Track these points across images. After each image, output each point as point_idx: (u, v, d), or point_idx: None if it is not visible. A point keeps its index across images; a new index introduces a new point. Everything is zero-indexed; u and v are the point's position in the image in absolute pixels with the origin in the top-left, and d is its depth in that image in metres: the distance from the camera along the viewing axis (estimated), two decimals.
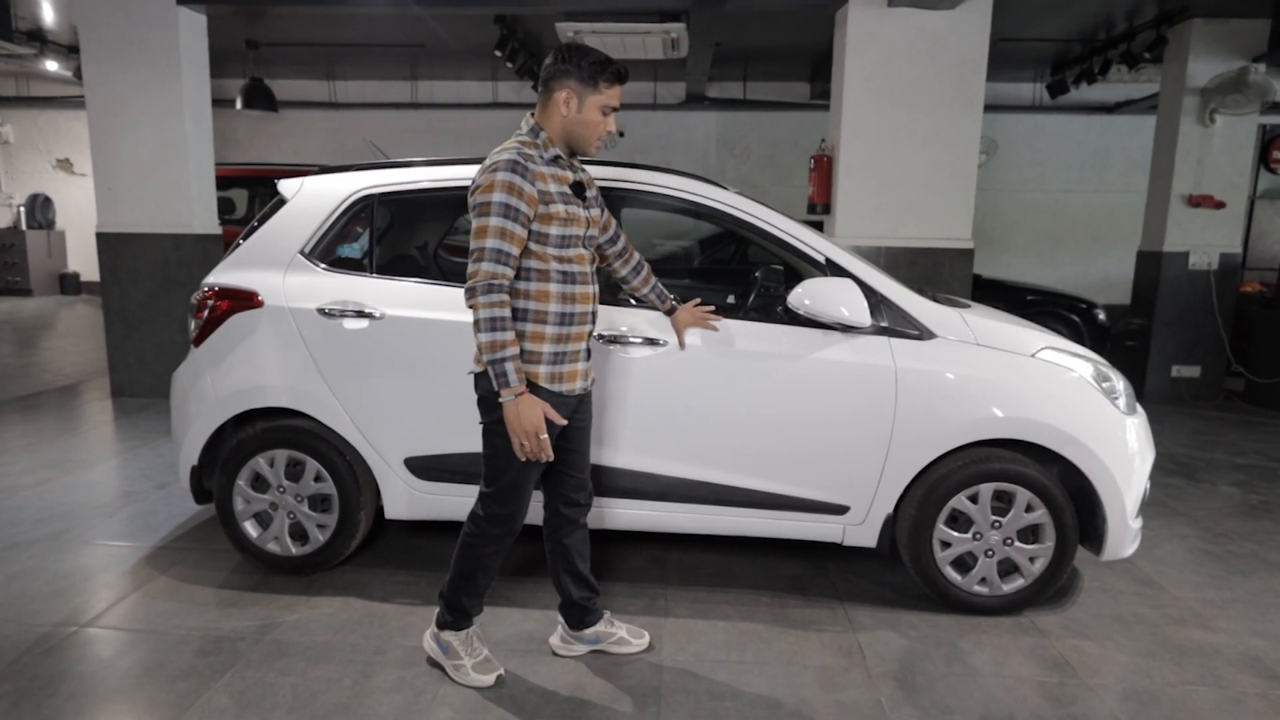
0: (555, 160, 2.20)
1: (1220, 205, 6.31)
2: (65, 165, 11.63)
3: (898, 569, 3.25)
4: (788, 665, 2.54)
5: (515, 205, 2.07)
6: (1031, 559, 2.82)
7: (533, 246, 2.15)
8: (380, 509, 3.09)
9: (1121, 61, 7.12)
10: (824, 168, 5.70)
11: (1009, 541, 2.81)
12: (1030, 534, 2.83)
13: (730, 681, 2.44)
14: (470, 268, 2.10)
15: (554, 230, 2.16)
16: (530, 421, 2.12)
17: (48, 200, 11.59)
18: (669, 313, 2.78)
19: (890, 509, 2.85)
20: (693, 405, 2.83)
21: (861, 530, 2.88)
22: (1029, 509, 2.77)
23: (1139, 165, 9.96)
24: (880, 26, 5.33)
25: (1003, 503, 2.80)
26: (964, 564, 2.88)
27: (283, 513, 3.01)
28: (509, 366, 2.10)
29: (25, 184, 11.70)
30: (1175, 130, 6.31)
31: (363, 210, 3.01)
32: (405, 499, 3.01)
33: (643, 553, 3.35)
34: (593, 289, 2.31)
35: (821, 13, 5.78)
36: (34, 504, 3.79)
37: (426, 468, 2.96)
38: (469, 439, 2.91)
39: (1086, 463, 2.73)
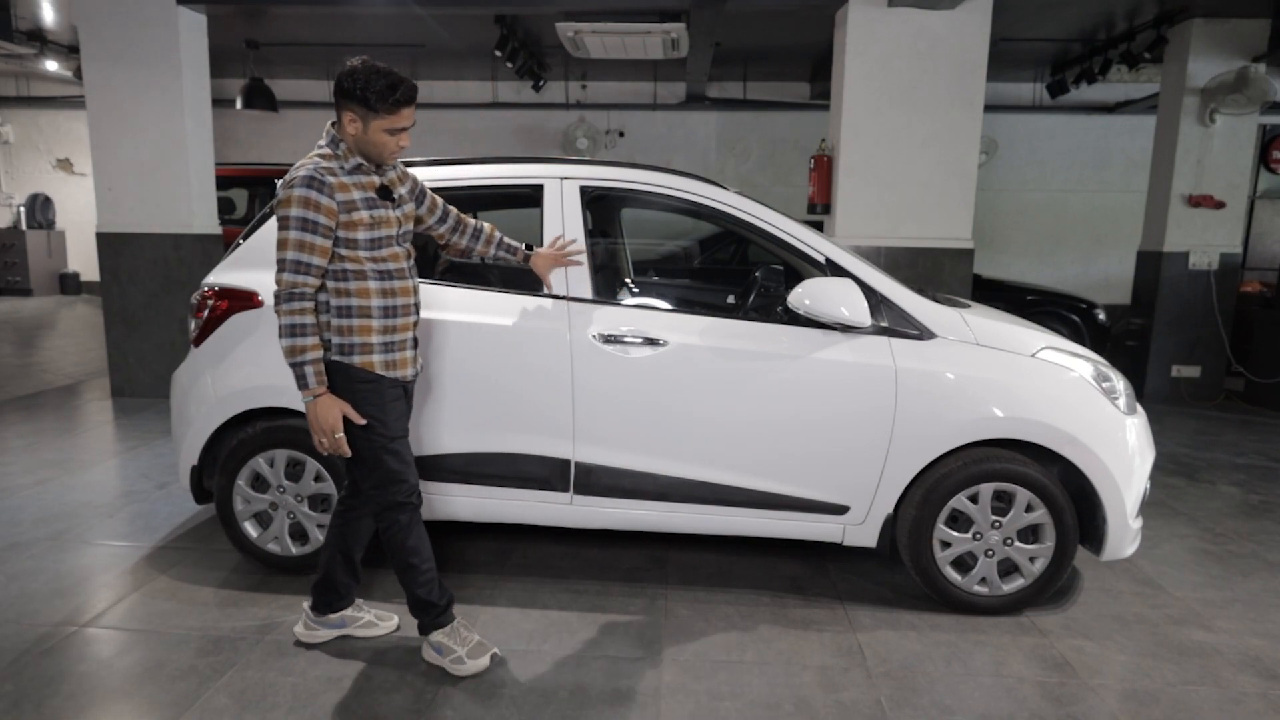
0: (357, 169, 2.29)
1: (1220, 205, 6.31)
2: (65, 165, 11.62)
3: (898, 569, 3.25)
4: (788, 665, 2.54)
5: (312, 218, 2.19)
6: (1031, 559, 2.82)
7: (344, 252, 2.27)
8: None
9: (1121, 61, 7.12)
10: (824, 168, 5.70)
11: (1009, 541, 2.81)
12: (1030, 534, 2.83)
13: (730, 681, 2.44)
14: (277, 276, 2.22)
15: (362, 235, 2.27)
16: (328, 420, 2.26)
17: (48, 200, 11.58)
18: (526, 260, 2.80)
19: (890, 509, 2.85)
20: (692, 405, 2.83)
21: (861, 530, 2.88)
22: (1029, 509, 2.77)
23: (1139, 165, 9.95)
24: (880, 26, 5.33)
25: (1003, 503, 2.80)
26: (964, 564, 2.88)
27: (283, 513, 3.00)
28: (308, 369, 2.24)
29: (25, 184, 11.69)
30: (1175, 130, 6.32)
31: None
32: None
33: (643, 553, 3.35)
34: (411, 283, 2.43)
35: (821, 13, 5.79)
36: (34, 504, 3.79)
37: (426, 467, 2.95)
38: (469, 439, 2.92)
39: (1086, 463, 2.73)
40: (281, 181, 2.25)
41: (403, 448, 2.41)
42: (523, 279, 3.04)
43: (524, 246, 2.81)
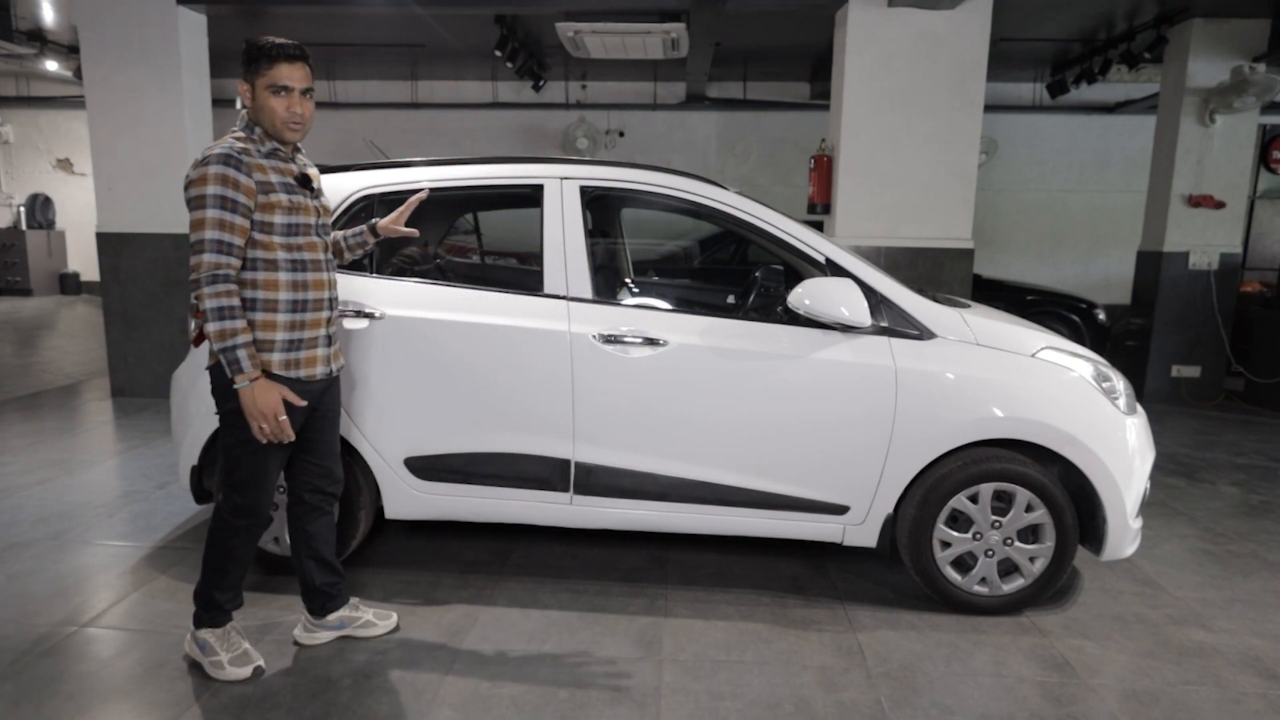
0: (274, 153, 2.25)
1: (1220, 205, 6.31)
2: (65, 165, 11.62)
3: (898, 569, 3.25)
4: (788, 665, 2.54)
5: (231, 196, 2.12)
6: (1031, 559, 2.82)
7: (258, 236, 2.20)
8: (380, 509, 3.09)
9: (1121, 61, 7.12)
10: (824, 168, 5.70)
11: (1009, 541, 2.81)
12: (1030, 534, 2.83)
13: (730, 681, 2.44)
14: (192, 260, 2.14)
15: (279, 219, 2.21)
16: (268, 405, 2.18)
17: (48, 200, 11.58)
18: (377, 234, 2.64)
19: (890, 509, 2.85)
20: (692, 405, 2.83)
21: (861, 530, 2.88)
22: (1029, 509, 2.77)
23: (1139, 165, 9.95)
24: (880, 26, 5.33)
25: (1003, 503, 2.80)
26: (964, 564, 2.88)
27: (282, 513, 3.00)
28: (241, 354, 2.15)
29: (25, 184, 11.69)
30: (1175, 130, 6.31)
31: (363, 210, 3.01)
32: (405, 499, 3.00)
33: (643, 553, 3.35)
34: (327, 276, 2.37)
35: (821, 13, 5.79)
36: (34, 504, 3.79)
37: (426, 468, 2.96)
38: (469, 439, 2.92)
39: (1086, 463, 2.73)
40: (194, 161, 2.16)
41: (272, 464, 2.31)
42: (523, 279, 3.05)
43: (366, 227, 2.66)
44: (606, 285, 3.51)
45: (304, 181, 2.31)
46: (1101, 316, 7.03)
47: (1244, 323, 6.63)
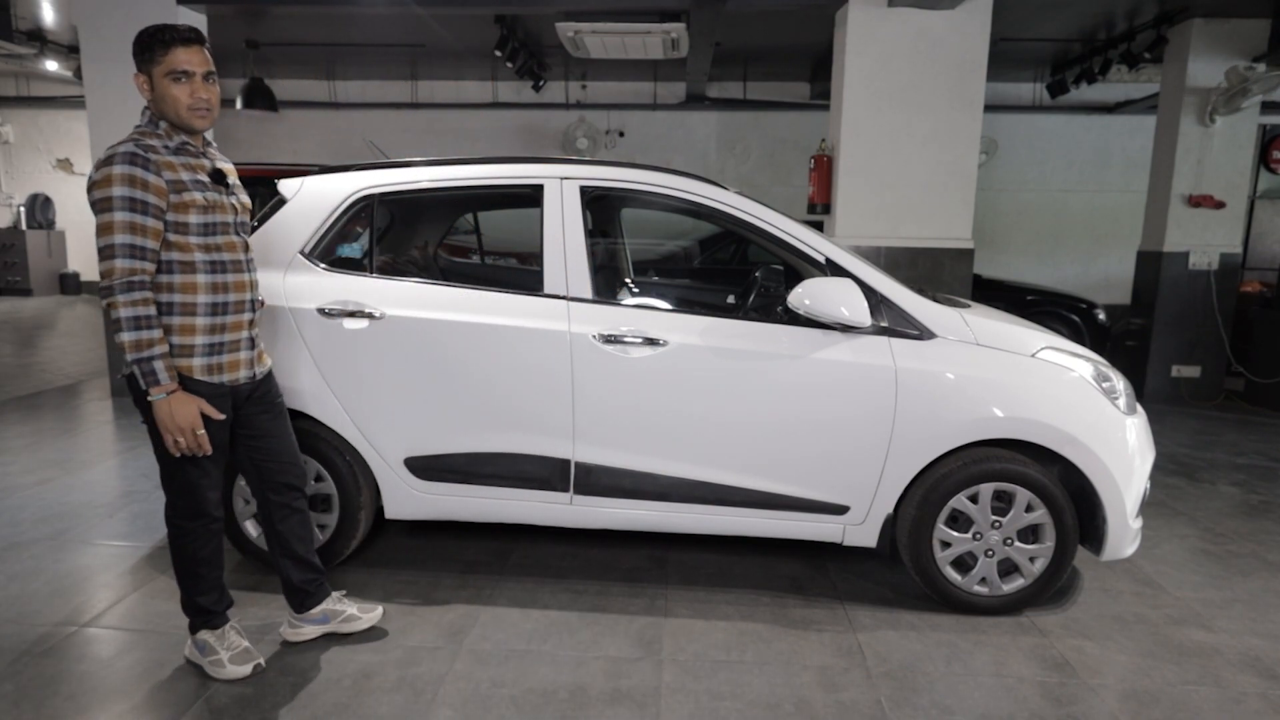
0: (183, 148, 2.15)
1: (1220, 205, 6.31)
2: (65, 165, 11.62)
3: (898, 569, 3.25)
4: (788, 665, 2.54)
5: (140, 197, 2.02)
6: (1031, 559, 2.82)
7: (172, 238, 2.10)
8: (380, 509, 3.09)
9: (1121, 61, 7.12)
10: (824, 168, 5.70)
11: (1009, 541, 2.81)
12: (1030, 534, 2.83)
13: (730, 681, 2.44)
14: (102, 266, 2.04)
15: (194, 219, 2.12)
16: (184, 418, 2.12)
17: (48, 200, 11.58)
18: None
19: (890, 509, 2.85)
20: (692, 405, 2.83)
21: (861, 530, 2.88)
22: (1029, 509, 2.77)
23: (1139, 165, 9.95)
24: (880, 26, 5.33)
25: (1003, 503, 2.80)
26: (964, 564, 2.88)
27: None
28: (158, 365, 2.08)
29: (25, 184, 11.69)
30: (1175, 130, 6.31)
31: (363, 210, 3.01)
32: (405, 499, 3.01)
33: (643, 553, 3.35)
34: (248, 276, 2.30)
35: (821, 13, 5.79)
36: (34, 504, 3.79)
37: (426, 468, 2.96)
38: (469, 439, 2.93)
39: (1086, 463, 2.73)
40: (96, 161, 2.05)
41: (209, 464, 2.27)
42: (523, 279, 3.05)
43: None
44: (606, 285, 3.51)
45: (218, 177, 2.21)
46: (1101, 316, 7.02)
47: (1244, 323, 6.63)
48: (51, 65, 9.02)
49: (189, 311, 2.16)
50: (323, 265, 2.97)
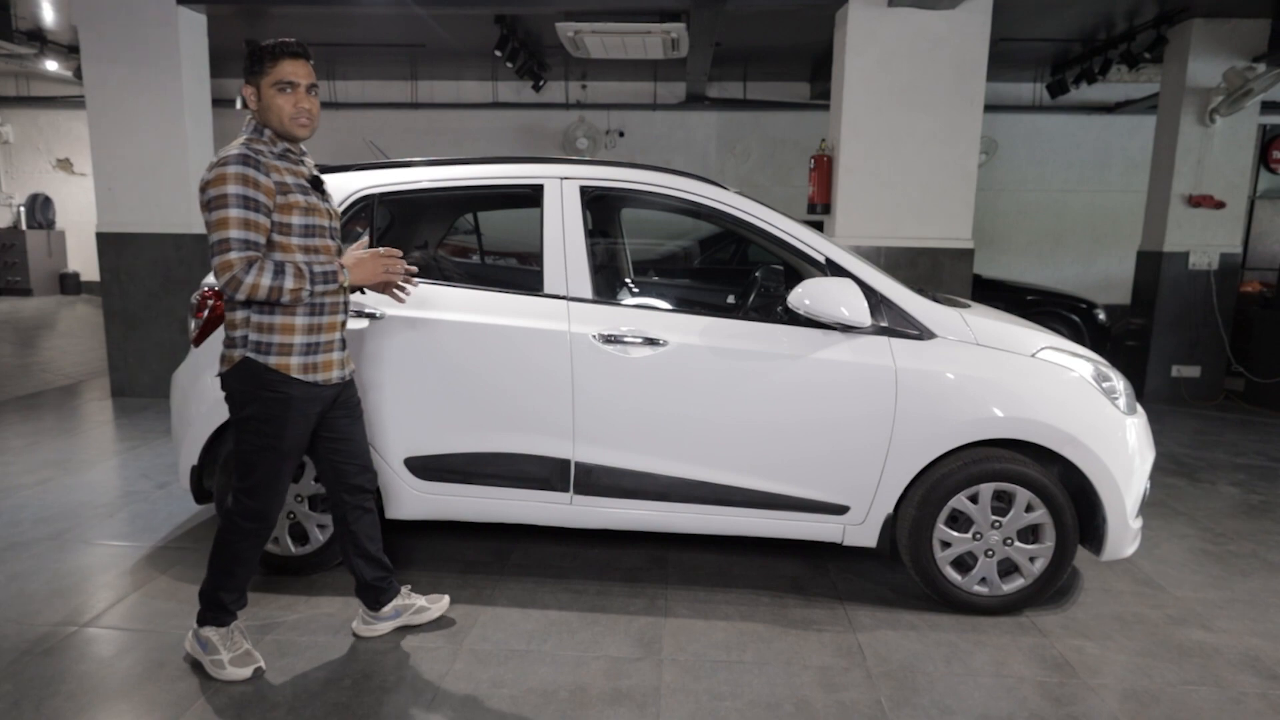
0: (285, 155, 2.27)
1: (1220, 205, 6.31)
2: (65, 165, 11.62)
3: (898, 569, 3.25)
4: (788, 665, 2.54)
5: (251, 195, 2.12)
6: (1031, 559, 2.82)
7: (277, 238, 2.20)
8: (380, 509, 3.09)
9: (1121, 61, 7.12)
10: (824, 168, 5.70)
11: (1009, 541, 2.81)
12: (1030, 534, 2.83)
13: (730, 681, 2.44)
14: (217, 260, 2.12)
15: (296, 220, 2.22)
16: (376, 270, 2.35)
17: (48, 200, 11.58)
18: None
19: (890, 509, 2.85)
20: (692, 405, 2.83)
21: (861, 530, 2.88)
22: (1029, 509, 2.77)
23: (1139, 165, 9.95)
24: (880, 26, 5.33)
25: (1003, 503, 2.80)
26: (964, 564, 2.88)
27: (283, 513, 3.00)
28: (316, 269, 2.21)
29: (25, 184, 11.68)
30: (1175, 130, 6.31)
31: (363, 210, 3.01)
32: (405, 499, 3.00)
33: (643, 553, 3.35)
34: None
35: (821, 13, 5.79)
36: (34, 504, 3.79)
37: (426, 468, 2.96)
38: (469, 439, 2.92)
39: (1086, 463, 2.73)
40: (209, 165, 2.16)
41: (285, 468, 2.33)
42: (523, 279, 3.05)
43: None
44: (606, 285, 3.51)
45: (315, 183, 2.33)
46: (1101, 316, 7.02)
47: (1244, 323, 6.63)
48: (51, 65, 9.01)
49: (289, 311, 2.24)
50: None
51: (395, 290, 2.51)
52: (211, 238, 2.12)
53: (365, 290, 2.56)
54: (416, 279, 2.57)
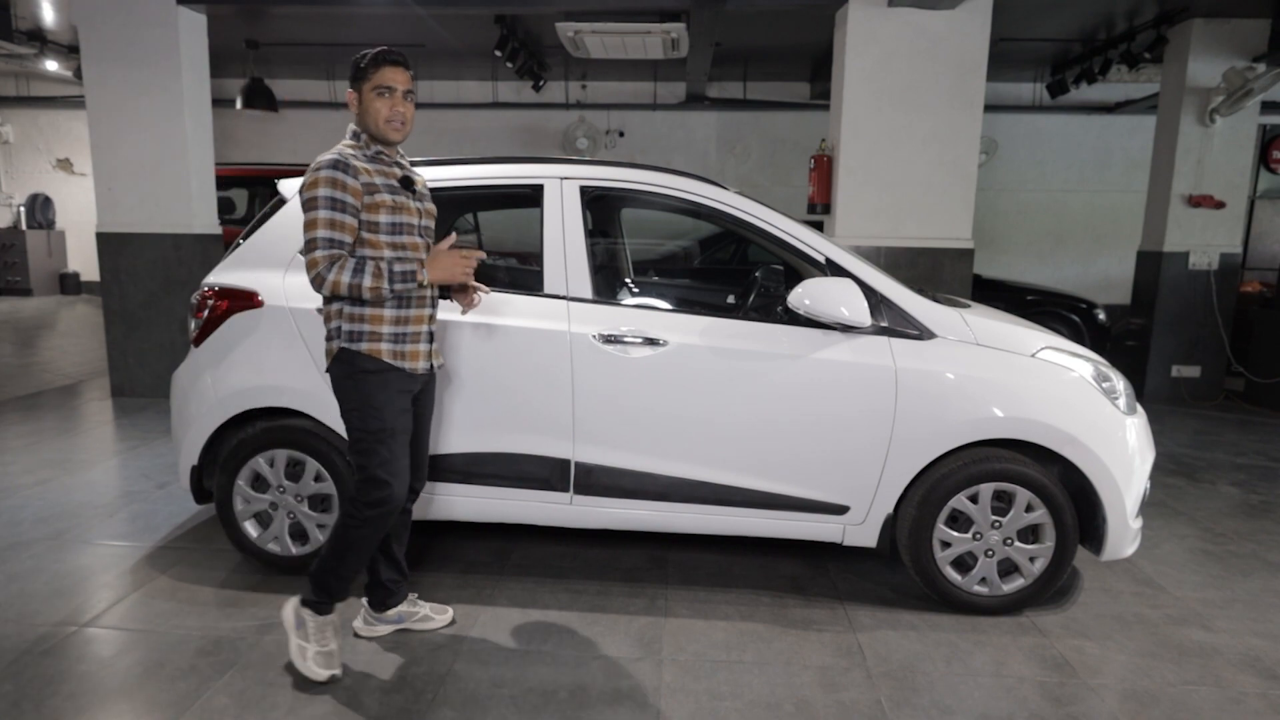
0: (377, 156, 2.37)
1: (1220, 205, 6.31)
2: (65, 165, 11.62)
3: (898, 569, 3.25)
4: (788, 665, 2.54)
5: (340, 198, 2.24)
6: (1031, 559, 2.82)
7: (365, 235, 2.31)
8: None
9: (1121, 61, 7.12)
10: (824, 168, 5.70)
11: (1009, 541, 2.81)
12: (1030, 534, 2.83)
13: (730, 681, 2.44)
14: (308, 258, 2.25)
15: (384, 218, 2.31)
16: (454, 269, 2.38)
17: (48, 200, 11.58)
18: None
19: (890, 509, 2.85)
20: (692, 405, 2.83)
21: (861, 530, 2.88)
22: (1029, 509, 2.77)
23: (1139, 165, 9.95)
24: (880, 26, 5.33)
25: (1003, 503, 2.80)
26: (964, 564, 2.88)
27: (283, 513, 3.00)
28: (396, 268, 2.28)
29: (25, 184, 11.68)
30: (1175, 130, 6.31)
31: None
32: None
33: (643, 553, 3.35)
34: None
35: (821, 13, 5.78)
36: (34, 504, 3.79)
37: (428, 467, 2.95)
38: (469, 439, 2.92)
39: (1086, 463, 2.73)
40: (310, 167, 2.29)
41: (398, 448, 2.38)
42: (523, 279, 3.05)
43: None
44: (606, 285, 3.51)
45: (406, 183, 2.41)
46: (1101, 316, 7.02)
47: (1244, 323, 6.63)
48: (51, 65, 9.02)
49: (379, 303, 2.33)
50: None
51: (470, 291, 2.51)
52: (305, 235, 2.26)
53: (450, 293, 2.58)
54: (488, 287, 2.59)
